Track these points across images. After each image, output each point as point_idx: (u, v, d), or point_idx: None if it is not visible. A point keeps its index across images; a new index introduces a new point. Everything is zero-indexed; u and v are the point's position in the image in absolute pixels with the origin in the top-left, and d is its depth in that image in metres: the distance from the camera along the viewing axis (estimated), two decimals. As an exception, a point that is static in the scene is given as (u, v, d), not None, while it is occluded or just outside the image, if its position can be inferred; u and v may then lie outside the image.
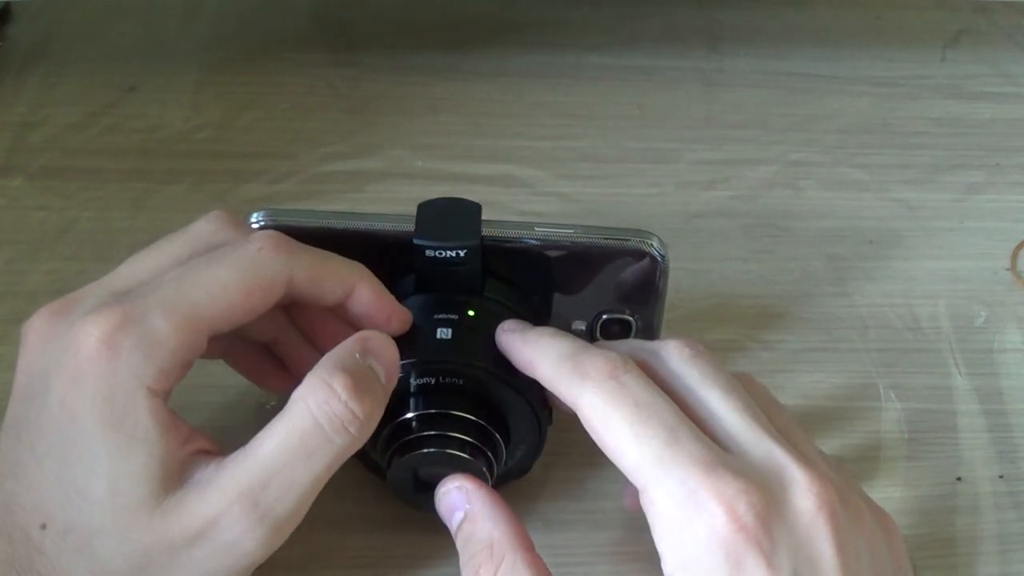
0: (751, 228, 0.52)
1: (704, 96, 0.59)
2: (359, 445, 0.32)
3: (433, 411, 0.35)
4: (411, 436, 0.35)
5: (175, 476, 0.31)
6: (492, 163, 0.54)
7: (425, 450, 0.35)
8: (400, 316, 0.36)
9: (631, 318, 0.39)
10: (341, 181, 0.52)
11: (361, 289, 0.35)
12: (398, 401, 0.36)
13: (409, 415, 0.35)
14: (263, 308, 0.33)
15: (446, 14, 0.64)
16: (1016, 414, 0.44)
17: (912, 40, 0.64)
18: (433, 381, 0.35)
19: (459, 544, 0.34)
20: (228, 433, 0.39)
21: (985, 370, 0.46)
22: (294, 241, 0.34)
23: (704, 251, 0.50)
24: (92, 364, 0.30)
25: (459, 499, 0.34)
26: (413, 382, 0.36)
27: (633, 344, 0.36)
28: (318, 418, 0.31)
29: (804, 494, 0.29)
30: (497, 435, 0.36)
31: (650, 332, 0.40)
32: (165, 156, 0.53)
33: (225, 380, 0.42)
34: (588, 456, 0.41)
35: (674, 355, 0.34)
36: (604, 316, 0.39)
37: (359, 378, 0.31)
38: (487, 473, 0.36)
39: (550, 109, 0.58)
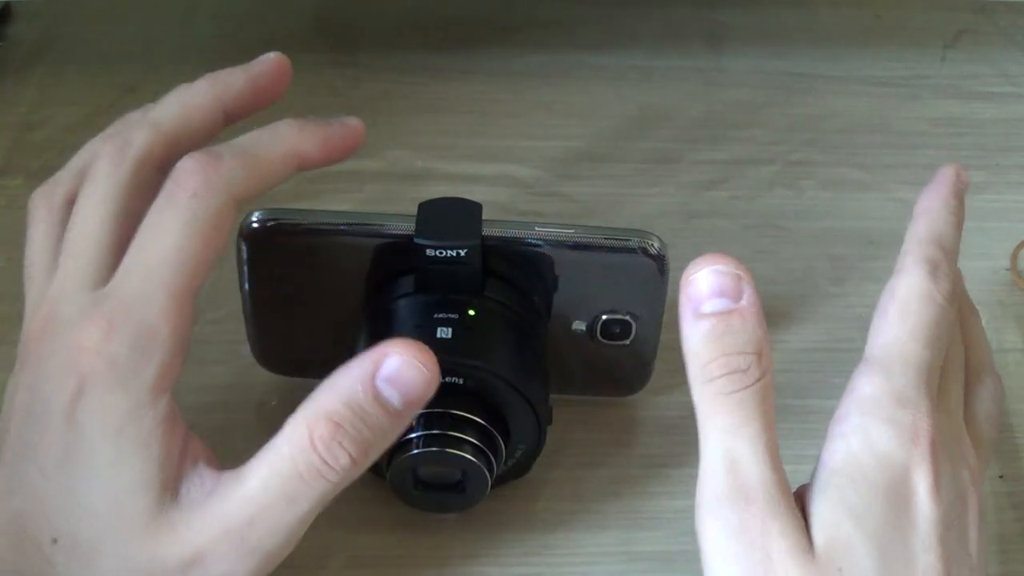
0: (751, 228, 0.52)
1: (704, 96, 0.59)
2: (346, 484, 0.31)
3: (433, 410, 0.35)
4: (411, 435, 0.35)
5: (171, 486, 0.30)
6: (492, 163, 0.54)
7: (425, 450, 0.35)
8: (347, 131, 0.35)
9: (631, 319, 0.39)
10: (341, 181, 0.52)
11: (304, 154, 0.35)
12: None
13: None
14: (225, 244, 0.33)
15: (446, 14, 0.63)
16: (1016, 414, 0.44)
17: (912, 40, 0.64)
18: None
19: (707, 333, 0.30)
20: (228, 433, 0.39)
21: (985, 370, 0.46)
22: (218, 159, 0.33)
23: (704, 251, 0.50)
24: (93, 376, 0.30)
25: (731, 286, 0.30)
26: None
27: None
28: (297, 465, 0.30)
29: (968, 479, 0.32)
30: (497, 435, 0.36)
31: (651, 333, 0.40)
32: (165, 156, 0.53)
33: (226, 380, 0.42)
34: (588, 456, 0.42)
35: (915, 287, 0.33)
36: (604, 317, 0.39)
37: (348, 422, 0.30)
38: (487, 473, 0.36)
39: (550, 109, 0.58)
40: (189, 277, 0.31)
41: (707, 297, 0.30)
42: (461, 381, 0.35)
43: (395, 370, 0.30)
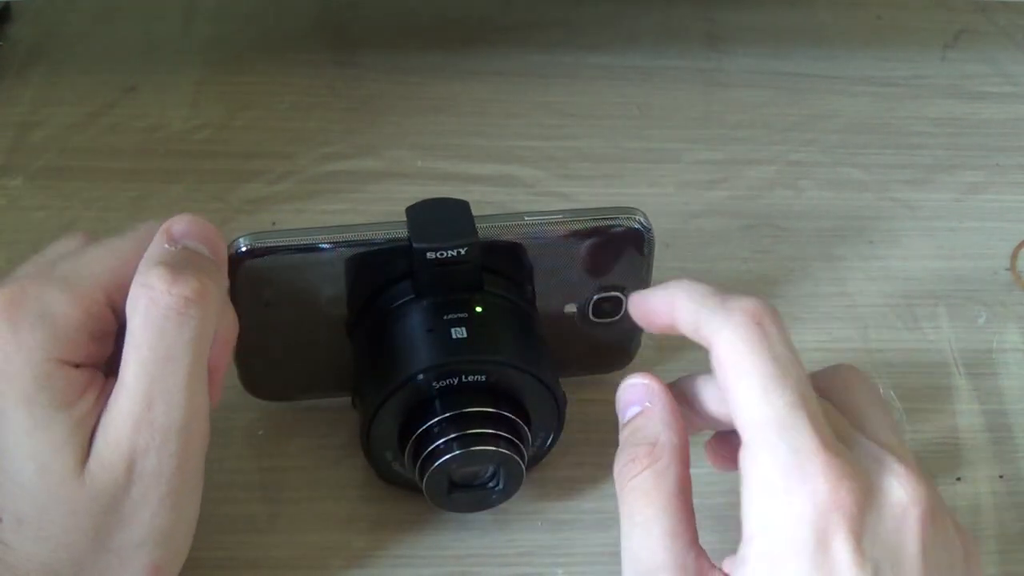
0: (751, 228, 0.52)
1: (704, 96, 0.59)
2: (214, 318, 0.32)
3: (458, 412, 0.35)
4: (438, 442, 0.35)
5: (89, 434, 0.31)
6: (492, 163, 0.54)
7: (459, 451, 0.35)
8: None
9: (622, 295, 0.39)
10: (341, 181, 0.52)
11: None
12: (422, 407, 0.36)
13: (436, 418, 0.35)
14: None
15: (446, 14, 0.64)
16: (1016, 414, 0.44)
17: (912, 40, 0.64)
18: (456, 382, 0.35)
19: (624, 435, 0.33)
20: (229, 435, 0.39)
21: (985, 370, 0.46)
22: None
23: (704, 251, 0.50)
24: None
25: (641, 395, 0.34)
26: (436, 385, 0.35)
27: None
28: (155, 321, 0.30)
29: (900, 487, 0.29)
30: (523, 425, 0.36)
31: None
32: (165, 156, 0.53)
33: (225, 381, 0.42)
34: (589, 456, 0.42)
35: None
36: (595, 296, 0.39)
37: (175, 261, 0.31)
38: (520, 462, 0.36)
39: (550, 109, 0.58)
40: (114, 283, 0.32)
41: (628, 407, 0.34)
42: (484, 378, 0.35)
43: (185, 229, 0.33)
